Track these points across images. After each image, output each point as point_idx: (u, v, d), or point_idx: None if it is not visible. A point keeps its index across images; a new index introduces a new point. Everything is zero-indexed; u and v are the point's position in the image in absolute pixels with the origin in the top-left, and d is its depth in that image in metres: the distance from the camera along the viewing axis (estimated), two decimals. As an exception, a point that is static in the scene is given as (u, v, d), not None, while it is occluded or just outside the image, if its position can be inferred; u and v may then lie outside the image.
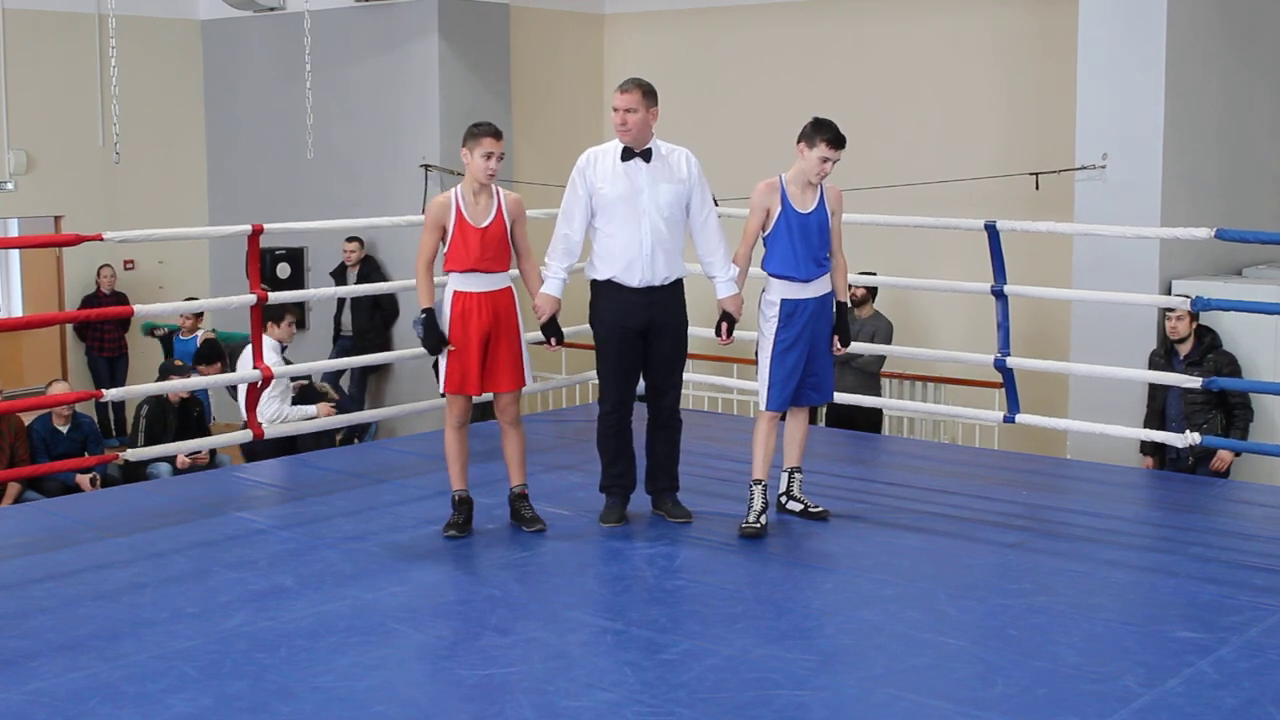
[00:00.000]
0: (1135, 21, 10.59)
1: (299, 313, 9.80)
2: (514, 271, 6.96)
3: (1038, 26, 12.95)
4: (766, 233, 6.88)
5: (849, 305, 7.24)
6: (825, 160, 6.77)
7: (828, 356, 7.02)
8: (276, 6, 15.49)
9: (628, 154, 6.89)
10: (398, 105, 14.83)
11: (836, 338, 7.01)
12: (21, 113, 14.95)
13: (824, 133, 6.75)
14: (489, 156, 6.72)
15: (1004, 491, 7.84)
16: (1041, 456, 9.64)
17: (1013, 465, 8.81)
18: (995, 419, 8.84)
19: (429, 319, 6.75)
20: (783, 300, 6.86)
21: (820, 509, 7.16)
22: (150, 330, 14.94)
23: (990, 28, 13.36)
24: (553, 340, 7.05)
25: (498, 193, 6.83)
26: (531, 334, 7.05)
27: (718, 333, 7.13)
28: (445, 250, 6.78)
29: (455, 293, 6.78)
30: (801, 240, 6.81)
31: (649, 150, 6.89)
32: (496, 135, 6.77)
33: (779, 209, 6.82)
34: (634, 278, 6.90)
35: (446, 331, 6.77)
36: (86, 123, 15.33)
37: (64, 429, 11.60)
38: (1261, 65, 11.72)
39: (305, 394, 10.36)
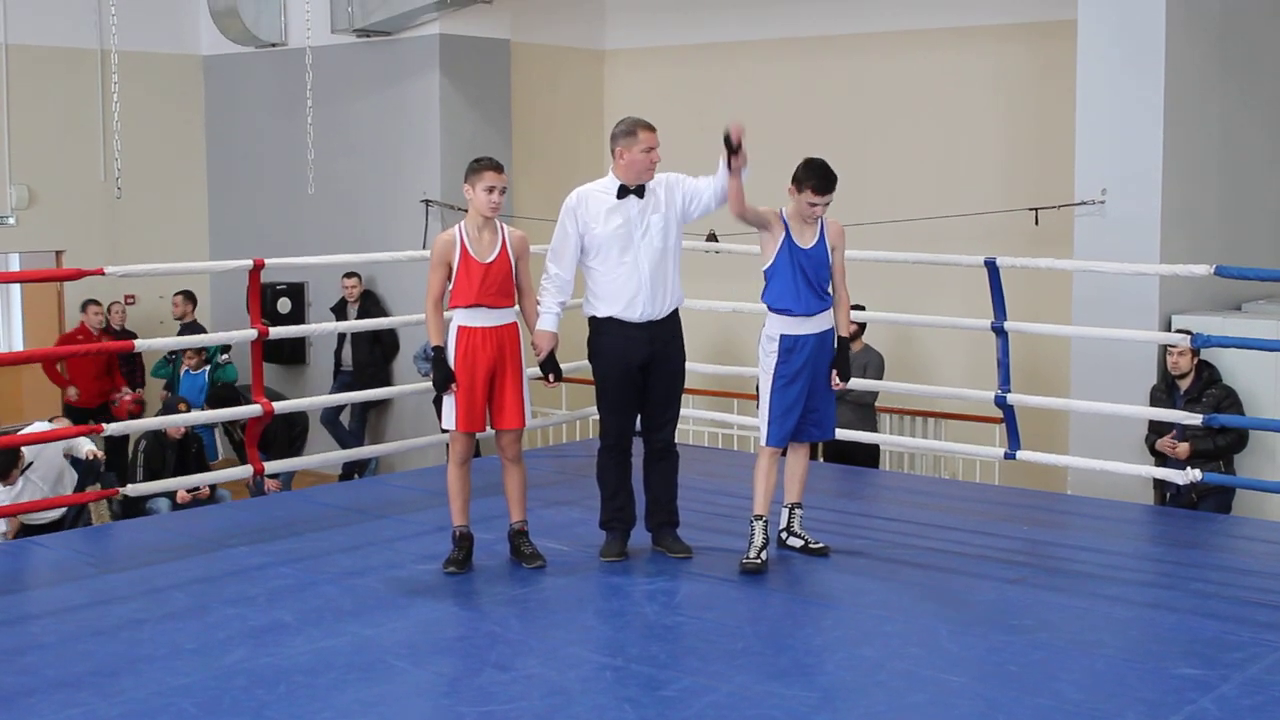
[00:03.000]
0: (1134, 57, 10.63)
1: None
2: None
3: (1037, 62, 12.99)
4: (766, 265, 6.88)
5: (849, 341, 7.21)
6: (813, 205, 6.78)
7: (829, 393, 7.00)
8: (278, 42, 15.54)
9: (623, 191, 6.90)
10: (399, 140, 14.87)
11: (835, 372, 6.99)
12: (23, 147, 14.98)
13: (810, 179, 6.75)
14: (491, 190, 6.73)
15: (1005, 527, 7.83)
16: (1042, 492, 9.62)
17: (1013, 501, 8.80)
18: (996, 455, 8.83)
19: (438, 356, 6.75)
20: (782, 336, 6.87)
21: (821, 545, 7.14)
22: (163, 372, 14.68)
23: (989, 63, 13.40)
24: (551, 376, 7.05)
25: (502, 228, 6.84)
26: (531, 370, 7.06)
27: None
28: (450, 286, 6.79)
29: (460, 328, 6.78)
30: (802, 275, 6.82)
31: (643, 185, 6.91)
32: (498, 169, 6.78)
33: (782, 237, 6.82)
34: (635, 313, 6.91)
35: (453, 368, 6.77)
36: (88, 157, 15.36)
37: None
38: (1260, 100, 11.75)
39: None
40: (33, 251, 15.17)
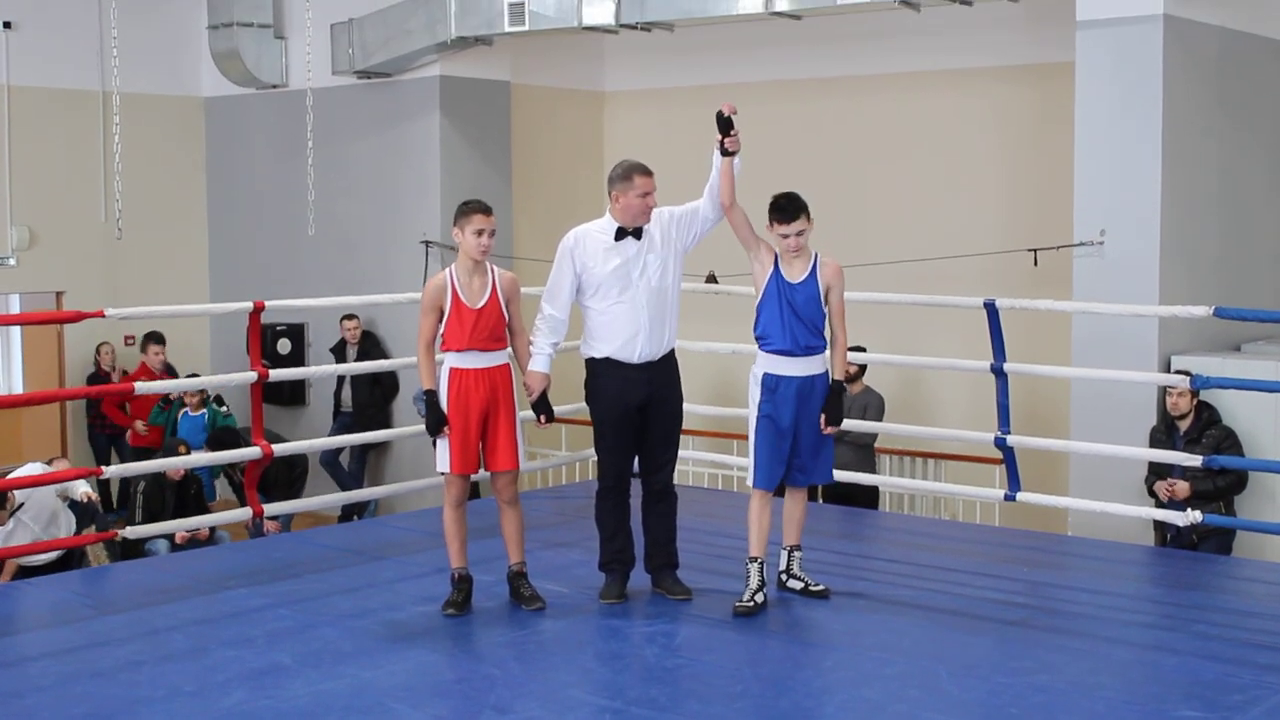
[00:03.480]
0: (1132, 98, 10.67)
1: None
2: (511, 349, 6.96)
3: (1035, 104, 13.04)
4: (757, 299, 6.87)
5: (844, 384, 7.12)
6: (784, 236, 6.76)
7: (818, 439, 6.91)
8: (279, 84, 15.61)
9: (621, 233, 6.92)
10: (399, 182, 14.91)
11: (823, 415, 6.87)
12: (24, 188, 15.01)
13: (774, 209, 6.78)
14: (480, 233, 6.74)
15: (1005, 569, 7.81)
16: (1043, 533, 9.60)
17: (1014, 542, 8.77)
18: (996, 496, 8.83)
19: (430, 400, 6.75)
20: (765, 374, 6.83)
21: (821, 587, 7.12)
22: (159, 419, 14.59)
23: (988, 105, 13.44)
24: (542, 417, 7.03)
25: (492, 271, 6.84)
26: (524, 412, 7.05)
27: None
28: (442, 331, 6.79)
29: (452, 370, 6.78)
30: (790, 309, 6.77)
31: (640, 228, 6.93)
32: (486, 211, 6.79)
33: (770, 271, 6.81)
34: (633, 354, 6.92)
35: (446, 411, 6.76)
36: (89, 198, 15.39)
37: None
38: (1258, 141, 11.79)
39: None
40: (33, 292, 15.19)
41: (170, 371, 14.56)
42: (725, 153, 6.81)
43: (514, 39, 14.25)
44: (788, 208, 6.75)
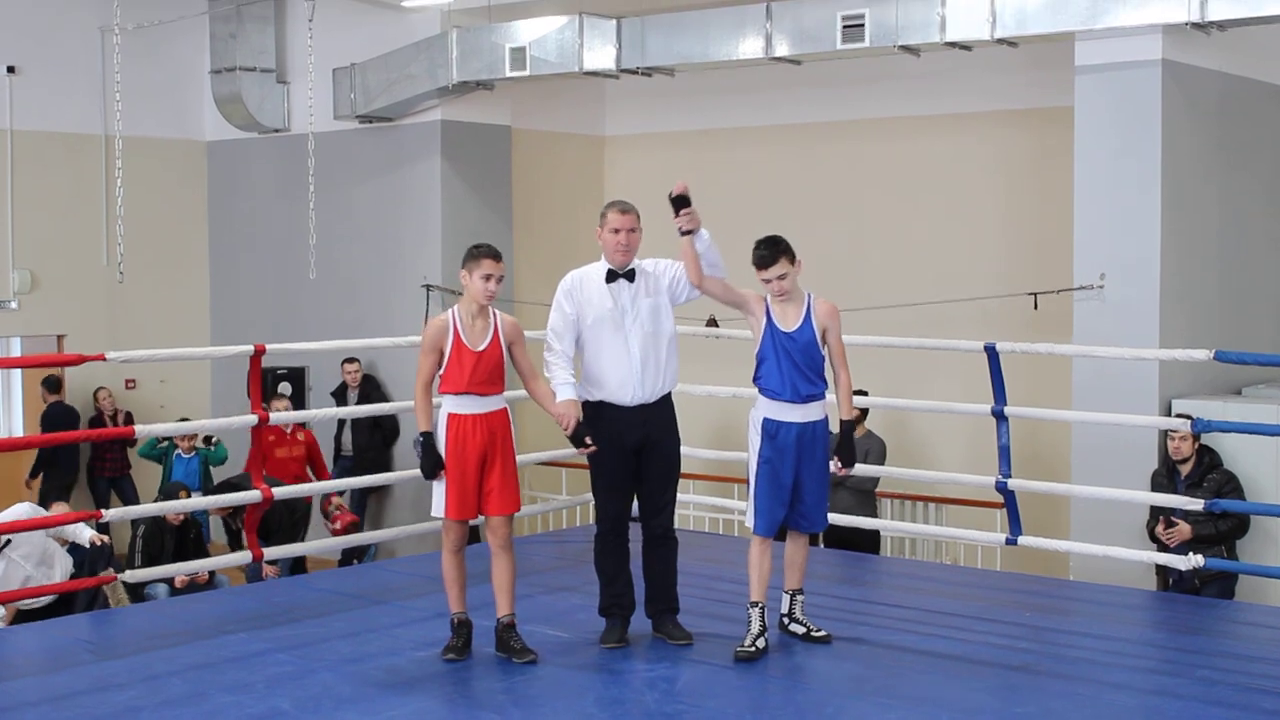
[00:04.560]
0: (1132, 142, 10.70)
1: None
2: (509, 394, 6.93)
3: (1035, 148, 13.08)
4: (757, 349, 6.87)
5: (854, 424, 7.09)
6: (766, 281, 6.77)
7: (819, 485, 6.88)
8: (281, 128, 15.68)
9: (612, 275, 6.93)
10: (400, 225, 14.95)
11: (838, 458, 6.91)
12: (27, 232, 15.06)
13: (753, 257, 6.77)
14: (488, 278, 6.73)
15: (1007, 613, 7.78)
16: (1044, 578, 9.58)
17: (1015, 586, 8.75)
18: (997, 540, 8.81)
19: (427, 442, 6.73)
20: (765, 420, 6.82)
21: (823, 633, 7.08)
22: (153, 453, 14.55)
23: (988, 149, 13.49)
24: (588, 439, 6.90)
25: (494, 315, 6.83)
26: (524, 455, 7.01)
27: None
28: (441, 372, 6.77)
29: (450, 415, 6.74)
30: (788, 359, 6.76)
31: (632, 270, 6.94)
32: (496, 257, 6.79)
33: (764, 323, 6.81)
34: (626, 397, 6.91)
35: (443, 455, 6.75)
36: (90, 242, 15.43)
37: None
38: (1258, 184, 11.83)
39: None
40: (35, 335, 15.21)
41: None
42: (682, 232, 6.84)
43: (515, 83, 14.33)
44: (765, 254, 6.75)
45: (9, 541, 9.39)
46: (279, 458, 12.67)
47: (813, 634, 7.07)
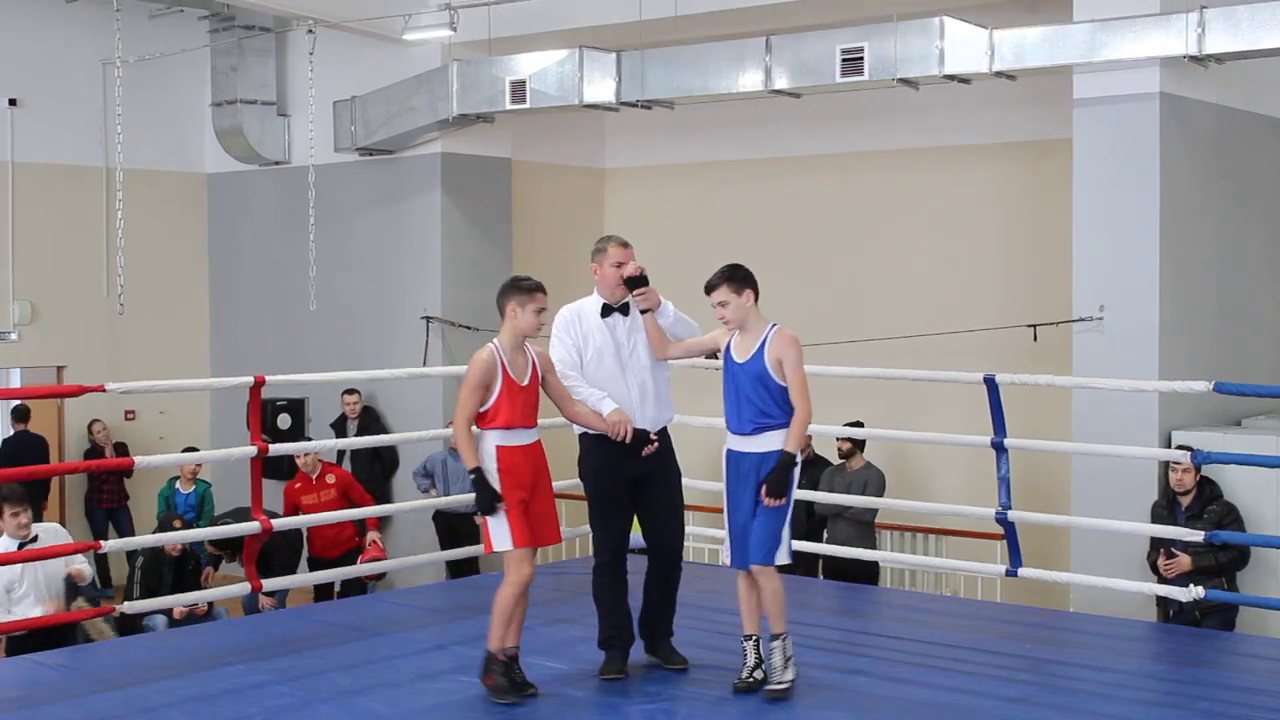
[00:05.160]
0: (1130, 175, 10.73)
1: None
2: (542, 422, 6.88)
3: (1034, 180, 13.11)
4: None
5: (795, 457, 6.66)
6: (715, 308, 6.71)
7: (763, 517, 6.60)
8: (282, 160, 15.72)
9: (607, 310, 6.94)
10: (400, 257, 14.97)
11: (764, 485, 6.58)
12: (27, 263, 15.09)
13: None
14: (541, 312, 6.71)
15: (1007, 645, 7.77)
16: (1044, 609, 9.57)
17: (1015, 618, 8.74)
18: (997, 571, 8.79)
19: (480, 478, 6.60)
20: (727, 450, 6.79)
21: (783, 687, 6.64)
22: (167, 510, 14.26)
23: (987, 181, 13.52)
24: (652, 435, 6.94)
25: (528, 348, 6.78)
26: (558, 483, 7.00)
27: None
28: (485, 409, 6.67)
29: (499, 449, 6.63)
30: (734, 389, 6.70)
31: (627, 304, 6.95)
32: (545, 291, 6.76)
33: (725, 353, 6.81)
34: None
35: (498, 488, 6.63)
36: (90, 273, 15.46)
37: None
38: (1256, 216, 11.85)
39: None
40: (34, 367, 15.22)
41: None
42: (640, 311, 6.89)
43: (515, 116, 14.36)
44: (711, 279, 6.71)
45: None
46: (307, 505, 12.13)
47: (769, 684, 6.70)
